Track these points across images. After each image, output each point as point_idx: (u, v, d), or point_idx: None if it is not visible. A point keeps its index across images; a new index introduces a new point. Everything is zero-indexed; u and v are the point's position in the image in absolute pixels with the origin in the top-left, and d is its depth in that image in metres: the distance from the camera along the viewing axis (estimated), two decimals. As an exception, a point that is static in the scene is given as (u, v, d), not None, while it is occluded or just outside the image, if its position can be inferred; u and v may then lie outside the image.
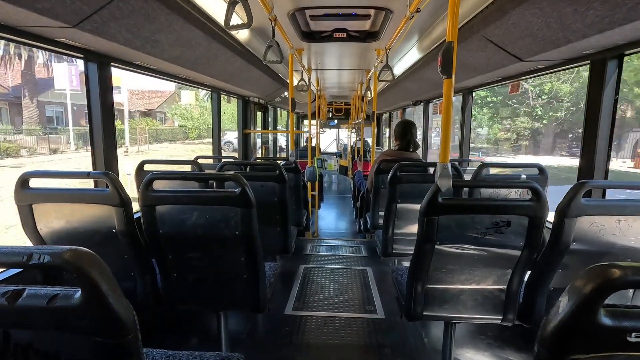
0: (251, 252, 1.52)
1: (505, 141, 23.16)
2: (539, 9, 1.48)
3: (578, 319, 0.56)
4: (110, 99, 2.03)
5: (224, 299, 1.66)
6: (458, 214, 1.39)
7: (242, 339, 2.25)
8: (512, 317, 1.53)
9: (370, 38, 2.75)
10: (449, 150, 1.28)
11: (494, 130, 22.60)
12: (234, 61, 2.70)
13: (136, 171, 2.46)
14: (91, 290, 0.59)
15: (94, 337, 0.62)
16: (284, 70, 3.96)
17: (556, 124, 20.71)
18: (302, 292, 2.82)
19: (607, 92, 1.79)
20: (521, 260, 1.42)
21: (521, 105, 20.58)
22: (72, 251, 0.58)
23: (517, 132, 22.35)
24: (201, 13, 1.91)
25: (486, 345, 2.17)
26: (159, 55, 2.00)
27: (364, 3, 2.17)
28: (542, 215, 1.34)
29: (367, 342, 2.20)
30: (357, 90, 6.09)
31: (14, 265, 0.58)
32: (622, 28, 1.36)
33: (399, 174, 2.26)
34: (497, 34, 1.85)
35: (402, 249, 2.42)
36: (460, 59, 2.37)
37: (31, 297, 0.60)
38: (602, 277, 0.54)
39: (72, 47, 1.73)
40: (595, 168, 1.86)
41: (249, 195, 1.43)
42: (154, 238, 1.52)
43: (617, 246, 1.36)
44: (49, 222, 1.49)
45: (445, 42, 1.18)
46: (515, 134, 22.56)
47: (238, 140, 4.64)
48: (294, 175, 3.01)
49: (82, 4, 1.32)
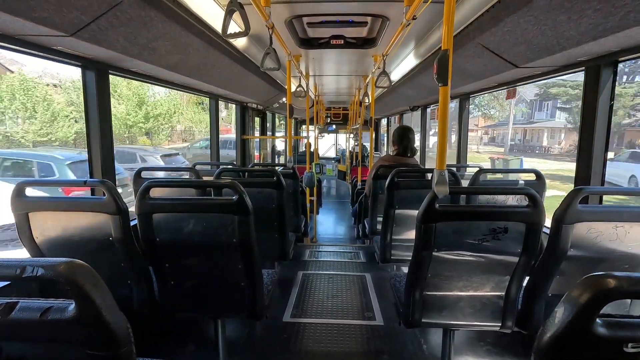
0: (249, 259, 1.51)
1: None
2: (534, 17, 1.49)
3: (574, 329, 0.56)
4: (108, 106, 2.03)
5: (222, 307, 1.65)
6: (455, 220, 1.39)
7: (239, 347, 2.23)
8: (510, 324, 1.52)
9: (367, 45, 2.77)
10: (446, 157, 1.28)
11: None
12: (232, 68, 2.71)
13: (134, 179, 2.46)
14: (85, 303, 0.58)
15: (87, 350, 0.62)
16: (282, 77, 3.98)
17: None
18: (300, 298, 2.81)
19: (603, 98, 1.81)
20: (519, 267, 1.42)
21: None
22: (66, 264, 0.57)
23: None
24: (198, 21, 1.92)
25: (485, 352, 2.16)
26: (157, 63, 2.00)
27: (361, 10, 2.19)
28: (540, 222, 1.34)
29: (366, 349, 2.19)
30: (355, 95, 6.11)
31: (7, 278, 0.58)
32: (615, 35, 1.38)
33: (397, 180, 2.26)
34: (492, 41, 1.86)
35: (400, 255, 2.42)
36: (456, 66, 2.37)
37: (24, 310, 0.60)
38: (597, 287, 0.54)
39: (69, 56, 1.73)
40: (592, 174, 1.86)
41: (246, 203, 1.42)
42: (150, 246, 1.51)
43: (615, 252, 1.36)
44: (45, 231, 1.49)
45: (441, 50, 1.19)
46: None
47: (236, 146, 4.65)
48: (292, 181, 3.01)
49: (79, 13, 1.32)
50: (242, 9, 1.53)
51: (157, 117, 18.47)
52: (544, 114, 26.00)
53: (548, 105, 25.48)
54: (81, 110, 14.17)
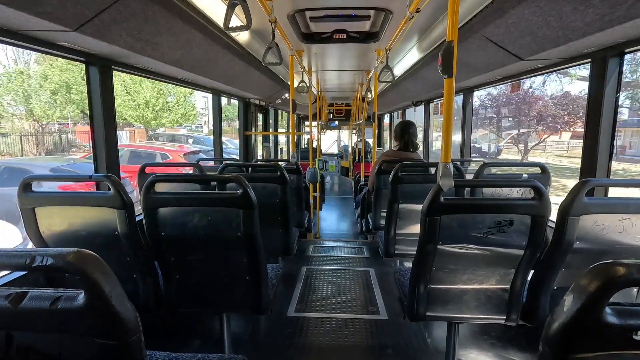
0: (253, 254, 1.52)
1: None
2: (539, 8, 1.48)
3: (583, 317, 0.55)
4: (112, 102, 2.03)
5: (226, 301, 1.66)
6: (460, 213, 1.38)
7: (244, 341, 2.24)
8: (515, 317, 1.52)
9: (370, 39, 2.75)
10: (451, 150, 1.28)
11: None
12: (234, 63, 2.71)
13: (138, 174, 2.47)
14: (94, 292, 0.59)
15: (97, 339, 0.62)
16: (284, 72, 3.97)
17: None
18: (304, 293, 2.82)
19: (609, 90, 1.79)
20: (524, 260, 1.42)
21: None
22: (75, 253, 0.58)
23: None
24: (201, 15, 1.91)
25: (490, 345, 2.16)
26: (159, 58, 2.00)
27: (363, 4, 2.17)
28: (545, 214, 1.33)
29: (370, 344, 2.20)
30: (358, 91, 6.09)
31: (17, 267, 0.58)
32: (622, 26, 1.36)
33: (401, 174, 2.26)
34: (497, 33, 1.85)
35: (404, 249, 2.42)
36: (460, 59, 2.36)
37: (34, 299, 0.60)
38: (606, 275, 0.53)
39: (73, 51, 1.73)
40: (598, 166, 1.85)
41: (250, 197, 1.43)
42: (156, 240, 1.52)
43: (621, 244, 1.35)
44: (52, 225, 1.50)
45: (446, 42, 1.18)
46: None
47: (239, 142, 4.65)
48: (296, 177, 3.02)
49: (83, 8, 1.32)
50: (245, 2, 1.53)
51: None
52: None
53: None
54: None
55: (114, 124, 2.06)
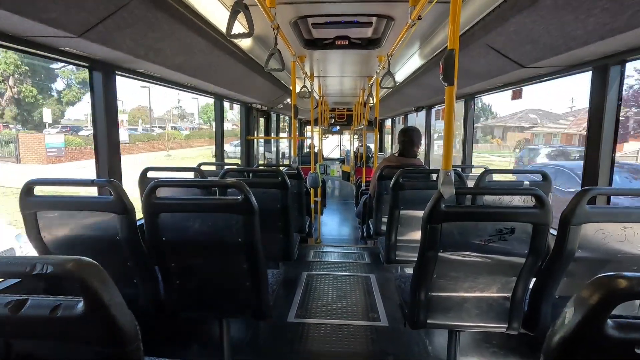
0: (253, 259, 1.52)
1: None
2: (540, 17, 1.48)
3: (584, 330, 0.55)
4: (115, 107, 2.05)
5: (226, 306, 1.66)
6: (461, 221, 1.38)
7: (244, 347, 2.23)
8: (517, 326, 1.51)
9: (372, 45, 2.77)
10: (452, 157, 1.27)
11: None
12: (237, 68, 2.72)
13: (139, 178, 2.47)
14: (93, 300, 0.59)
15: (96, 347, 0.62)
16: (286, 77, 3.99)
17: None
18: (304, 299, 2.80)
19: (610, 97, 1.79)
20: (526, 268, 1.41)
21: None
22: (75, 261, 0.58)
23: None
24: (204, 21, 1.93)
25: (491, 353, 2.14)
26: (162, 64, 2.02)
27: (366, 11, 2.19)
28: (546, 222, 1.33)
29: (371, 350, 2.18)
30: (360, 96, 6.11)
31: (18, 275, 0.59)
32: (623, 35, 1.36)
33: (402, 181, 2.25)
34: (498, 41, 1.85)
35: (405, 255, 2.41)
36: (462, 66, 2.36)
37: (34, 307, 0.60)
38: (608, 287, 0.53)
39: (77, 57, 1.75)
40: (600, 174, 1.85)
41: (251, 203, 1.42)
42: (156, 245, 1.52)
43: (623, 254, 1.34)
44: (53, 230, 1.50)
45: (447, 50, 1.18)
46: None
47: (241, 147, 4.66)
48: (297, 182, 3.01)
49: (87, 14, 1.34)
50: (247, 9, 1.54)
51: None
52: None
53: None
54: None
55: (116, 128, 2.07)
